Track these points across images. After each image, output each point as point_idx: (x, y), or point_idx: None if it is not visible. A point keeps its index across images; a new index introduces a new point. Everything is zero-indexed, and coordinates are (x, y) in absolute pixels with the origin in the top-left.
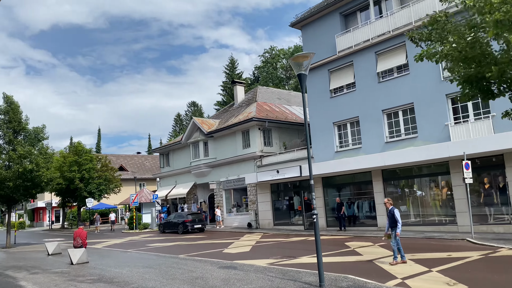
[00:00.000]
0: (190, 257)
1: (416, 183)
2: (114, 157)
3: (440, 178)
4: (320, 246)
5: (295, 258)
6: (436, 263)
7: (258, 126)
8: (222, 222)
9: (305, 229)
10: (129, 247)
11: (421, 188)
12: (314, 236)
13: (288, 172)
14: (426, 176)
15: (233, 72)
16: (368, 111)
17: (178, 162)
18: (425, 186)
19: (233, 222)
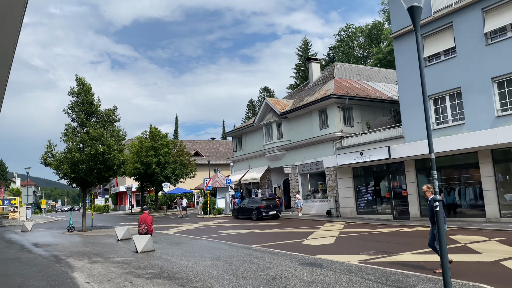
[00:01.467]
0: (266, 248)
1: None
2: (189, 143)
3: None
4: (445, 243)
5: (392, 255)
6: None
7: (337, 104)
8: (300, 209)
9: (394, 218)
10: (201, 234)
11: None
12: (438, 230)
13: (374, 154)
14: None
15: (306, 54)
16: (473, 80)
17: (251, 146)
18: None
19: (310, 209)
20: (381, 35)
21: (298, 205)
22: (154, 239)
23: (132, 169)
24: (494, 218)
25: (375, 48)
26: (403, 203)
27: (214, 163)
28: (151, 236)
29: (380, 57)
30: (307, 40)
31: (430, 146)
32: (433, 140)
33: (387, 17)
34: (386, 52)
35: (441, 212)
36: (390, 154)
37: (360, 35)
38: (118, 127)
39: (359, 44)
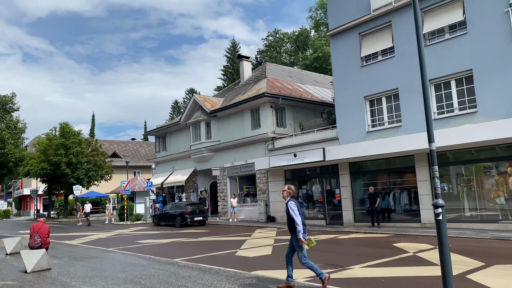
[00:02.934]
0: (194, 263)
1: (473, 170)
2: (107, 143)
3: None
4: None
5: (343, 268)
6: None
7: (270, 103)
8: (235, 214)
9: (327, 224)
10: (115, 245)
11: (479, 175)
12: (439, 244)
13: (308, 156)
14: (486, 160)
15: (234, 56)
16: (410, 81)
17: (176, 146)
18: (484, 173)
19: (238, 214)
20: (308, 42)
21: (232, 210)
22: (54, 252)
23: (38, 170)
24: (429, 224)
25: (302, 55)
26: (336, 208)
27: (134, 165)
28: (46, 251)
29: (307, 63)
30: (235, 42)
31: (430, 135)
32: (369, 142)
33: (314, 24)
34: (313, 59)
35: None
36: (325, 156)
37: (287, 41)
38: (17, 117)
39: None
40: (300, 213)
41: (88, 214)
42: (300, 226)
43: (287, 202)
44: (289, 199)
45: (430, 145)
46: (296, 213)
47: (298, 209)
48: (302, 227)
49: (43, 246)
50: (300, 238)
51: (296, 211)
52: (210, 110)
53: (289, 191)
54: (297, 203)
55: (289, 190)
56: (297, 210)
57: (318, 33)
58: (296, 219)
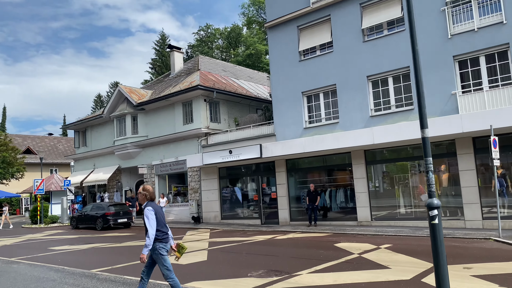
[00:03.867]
0: (117, 275)
1: (408, 167)
2: (19, 138)
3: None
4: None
5: (290, 275)
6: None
7: (204, 97)
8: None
9: (262, 223)
10: (22, 253)
11: (413, 173)
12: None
13: (244, 153)
14: (420, 158)
15: (163, 48)
16: (348, 77)
17: (98, 141)
18: (419, 171)
19: (167, 215)
20: (240, 39)
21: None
22: None
23: None
24: (365, 222)
25: (234, 52)
26: (272, 206)
27: (51, 163)
28: None
29: (239, 60)
30: (165, 35)
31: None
32: (306, 139)
33: (246, 21)
34: (245, 56)
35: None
36: (262, 153)
37: (219, 37)
38: None
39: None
40: (162, 220)
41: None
42: (150, 240)
43: (144, 208)
44: (146, 204)
45: (422, 132)
46: (152, 223)
47: (158, 216)
48: (151, 241)
49: None
50: (143, 255)
51: (153, 220)
52: (137, 103)
53: (145, 193)
54: (157, 209)
55: (145, 192)
56: (154, 219)
57: (251, 31)
58: (150, 230)
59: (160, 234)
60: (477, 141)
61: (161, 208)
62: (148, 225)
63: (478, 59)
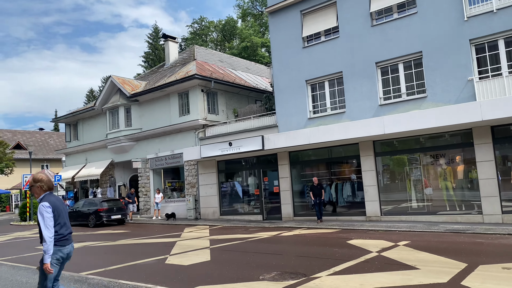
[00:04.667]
0: (111, 279)
1: (420, 159)
2: (9, 133)
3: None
4: None
5: (308, 278)
6: None
7: (201, 87)
8: (159, 212)
9: (264, 219)
10: (5, 252)
11: (427, 165)
12: None
13: (245, 145)
14: (434, 149)
15: (157, 42)
16: (355, 64)
17: (90, 135)
18: (431, 162)
19: (163, 211)
20: (235, 31)
21: (156, 207)
22: None
23: None
24: (375, 217)
25: (229, 44)
26: (274, 201)
27: (42, 158)
28: None
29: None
30: (158, 27)
31: None
32: (311, 129)
33: (241, 13)
34: (241, 49)
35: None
36: (264, 145)
37: (213, 30)
38: None
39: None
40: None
41: None
42: (48, 244)
43: (39, 202)
44: (42, 197)
45: None
46: (48, 223)
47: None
48: (51, 245)
49: None
50: (46, 264)
51: (49, 218)
52: (130, 94)
53: (40, 184)
54: (56, 203)
55: (40, 183)
56: (51, 217)
57: (246, 23)
58: (45, 232)
59: (56, 236)
60: (496, 130)
61: (62, 202)
62: (43, 225)
63: (496, 42)
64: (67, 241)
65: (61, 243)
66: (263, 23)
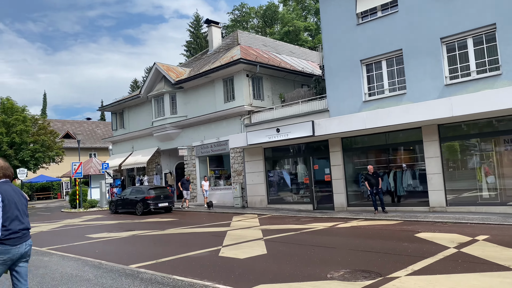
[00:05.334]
0: (163, 274)
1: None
2: (59, 123)
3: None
4: None
5: (383, 277)
6: None
7: (246, 71)
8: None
9: (315, 208)
10: (57, 241)
11: (500, 150)
12: None
13: (294, 131)
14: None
15: (198, 30)
16: (417, 41)
17: (136, 123)
18: (505, 147)
19: (209, 199)
20: (277, 16)
21: (205, 195)
22: None
23: None
24: (439, 207)
25: (270, 30)
26: (325, 190)
27: (90, 147)
28: None
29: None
30: (199, 16)
31: None
32: (367, 113)
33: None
34: (283, 33)
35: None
36: (314, 131)
37: (254, 16)
38: None
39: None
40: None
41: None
42: None
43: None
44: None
45: None
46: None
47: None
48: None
49: None
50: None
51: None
52: (175, 81)
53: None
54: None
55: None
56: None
57: (287, 7)
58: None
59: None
60: None
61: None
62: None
63: None
64: (19, 239)
65: (10, 241)
66: (305, 6)
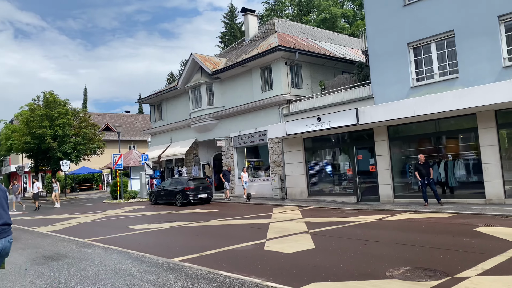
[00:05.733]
0: (209, 269)
1: None
2: (99, 116)
3: None
4: None
5: (452, 279)
6: None
7: (285, 59)
8: (245, 191)
9: (359, 200)
10: (99, 232)
11: None
12: None
13: (336, 120)
14: None
15: (233, 21)
16: (471, 21)
17: (173, 114)
18: None
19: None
20: (312, 4)
21: (245, 186)
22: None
23: (21, 144)
24: (497, 199)
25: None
26: (369, 181)
27: (129, 139)
28: None
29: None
30: (233, 6)
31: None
32: (416, 99)
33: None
34: (319, 21)
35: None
36: (359, 119)
37: (289, 5)
38: None
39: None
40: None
41: (37, 196)
42: None
43: None
44: None
45: None
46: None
47: None
48: None
49: None
50: None
51: None
52: (212, 71)
53: None
54: None
55: None
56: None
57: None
58: None
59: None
60: None
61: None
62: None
63: None
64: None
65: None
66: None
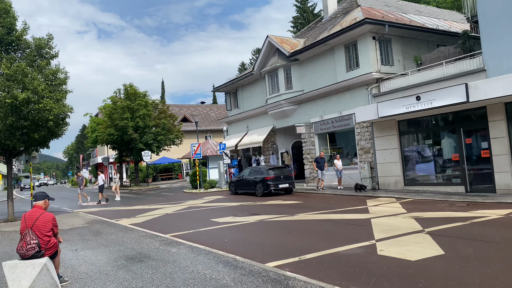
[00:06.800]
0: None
1: None
2: (176, 107)
3: None
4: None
5: None
6: None
7: (372, 33)
8: (340, 180)
9: (468, 191)
10: (183, 226)
11: None
12: None
13: (439, 98)
14: None
15: (305, 4)
16: None
17: (249, 102)
18: None
19: (331, 179)
20: None
21: (339, 175)
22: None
23: (106, 136)
24: None
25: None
26: (481, 169)
27: (205, 129)
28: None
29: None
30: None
31: None
32: None
33: None
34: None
35: None
36: (469, 96)
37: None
38: (57, 65)
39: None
40: None
41: (102, 188)
42: None
43: None
44: None
45: None
46: None
47: None
48: None
49: (43, 253)
50: None
51: None
52: (290, 53)
53: None
54: None
55: None
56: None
57: None
58: None
59: None
60: None
61: None
62: None
63: None
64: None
65: None
66: None
